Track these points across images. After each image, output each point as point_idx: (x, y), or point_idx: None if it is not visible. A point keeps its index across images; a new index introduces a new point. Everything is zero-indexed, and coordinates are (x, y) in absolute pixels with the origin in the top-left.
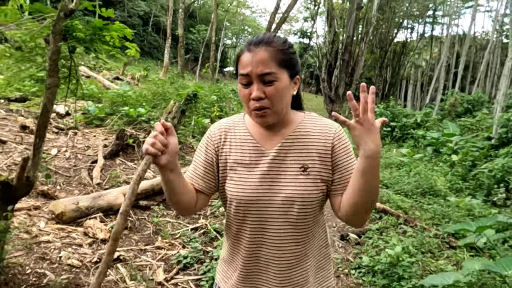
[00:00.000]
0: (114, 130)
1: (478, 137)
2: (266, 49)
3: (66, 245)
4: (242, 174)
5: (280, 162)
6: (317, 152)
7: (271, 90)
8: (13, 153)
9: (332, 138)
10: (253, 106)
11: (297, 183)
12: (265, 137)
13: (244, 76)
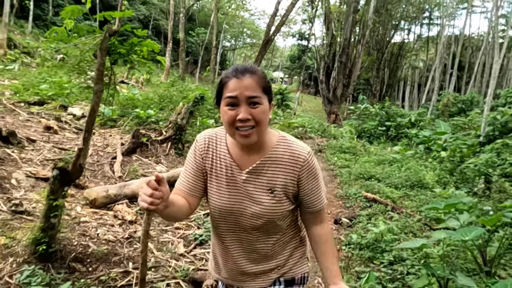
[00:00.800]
0: (127, 130)
1: (470, 135)
2: (251, 77)
3: (100, 225)
4: (219, 187)
5: (251, 182)
6: (285, 177)
7: (257, 112)
8: (43, 150)
9: (301, 167)
10: (238, 125)
11: (264, 203)
12: (241, 157)
13: (232, 98)
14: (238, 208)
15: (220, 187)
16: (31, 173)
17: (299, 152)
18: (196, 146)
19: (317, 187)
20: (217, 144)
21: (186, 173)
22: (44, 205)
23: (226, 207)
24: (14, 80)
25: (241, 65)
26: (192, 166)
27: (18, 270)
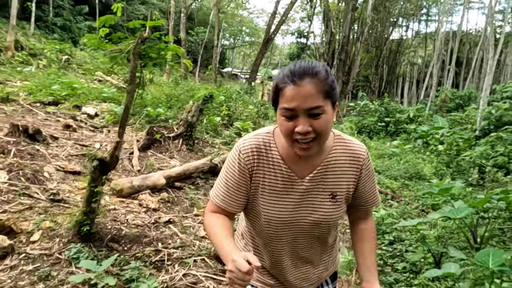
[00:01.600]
0: (139, 128)
1: (467, 129)
2: (311, 82)
3: (128, 212)
4: (273, 198)
5: (311, 190)
6: (347, 180)
7: (319, 124)
8: (66, 146)
9: (361, 168)
10: (297, 137)
11: (325, 209)
12: (297, 163)
13: (289, 110)
14: (297, 218)
15: (275, 198)
16: (60, 167)
17: (358, 152)
18: (241, 158)
19: (374, 185)
20: (266, 153)
21: (229, 190)
22: (77, 194)
23: (283, 219)
24: (26, 82)
25: (300, 65)
26: (237, 182)
27: (65, 248)
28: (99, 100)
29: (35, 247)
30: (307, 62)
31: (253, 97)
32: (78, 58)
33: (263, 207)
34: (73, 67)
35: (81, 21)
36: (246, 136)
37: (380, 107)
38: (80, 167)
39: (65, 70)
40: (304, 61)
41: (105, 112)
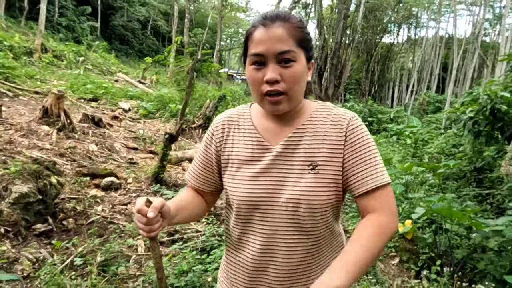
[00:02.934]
0: (164, 121)
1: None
2: (284, 25)
3: (177, 173)
4: (244, 173)
5: (285, 159)
6: (328, 147)
7: (289, 72)
8: (120, 131)
9: (345, 128)
10: (266, 90)
11: (304, 183)
12: (271, 131)
13: (258, 55)
14: (269, 195)
15: (246, 174)
16: (123, 144)
17: (342, 116)
18: (211, 130)
19: (369, 157)
20: (239, 122)
21: (198, 164)
22: (141, 160)
23: (254, 197)
24: (60, 81)
25: (274, 11)
26: (204, 155)
27: (149, 186)
28: (126, 98)
29: (131, 186)
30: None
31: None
32: (92, 59)
33: (230, 185)
34: (89, 68)
35: (84, 21)
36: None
37: (365, 108)
38: (136, 145)
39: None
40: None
41: (134, 108)
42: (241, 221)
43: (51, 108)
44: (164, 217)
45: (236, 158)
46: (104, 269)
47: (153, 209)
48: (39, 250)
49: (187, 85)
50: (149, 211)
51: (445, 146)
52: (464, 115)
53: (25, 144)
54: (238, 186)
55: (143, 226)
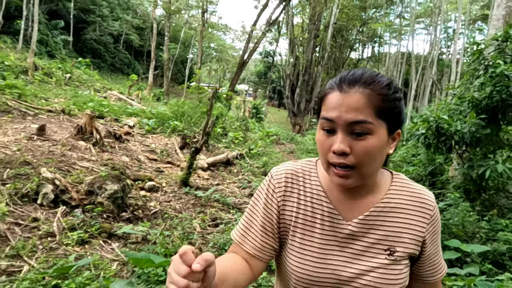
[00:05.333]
0: (167, 136)
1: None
2: (363, 92)
3: (195, 179)
4: (311, 247)
5: (359, 239)
6: (410, 232)
7: (361, 146)
8: (136, 146)
9: (431, 217)
10: (332, 161)
11: (379, 271)
12: (343, 202)
13: (328, 121)
14: (336, 278)
15: (308, 247)
16: (145, 156)
17: (426, 198)
18: (271, 184)
19: (439, 248)
20: (304, 182)
21: (252, 225)
22: (164, 169)
23: (316, 276)
24: (60, 99)
25: (354, 71)
26: (262, 214)
27: (180, 189)
28: (126, 114)
29: (166, 188)
30: (366, 69)
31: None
32: (76, 76)
33: (289, 255)
34: (76, 84)
35: (57, 35)
36: (283, 163)
37: None
38: (155, 156)
39: (69, 87)
40: (364, 68)
41: (137, 124)
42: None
43: (85, 126)
44: (205, 282)
45: (301, 223)
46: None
47: (202, 261)
48: (134, 229)
49: (208, 108)
50: (195, 261)
51: (406, 155)
52: (418, 131)
53: (74, 157)
54: (301, 261)
55: (179, 279)
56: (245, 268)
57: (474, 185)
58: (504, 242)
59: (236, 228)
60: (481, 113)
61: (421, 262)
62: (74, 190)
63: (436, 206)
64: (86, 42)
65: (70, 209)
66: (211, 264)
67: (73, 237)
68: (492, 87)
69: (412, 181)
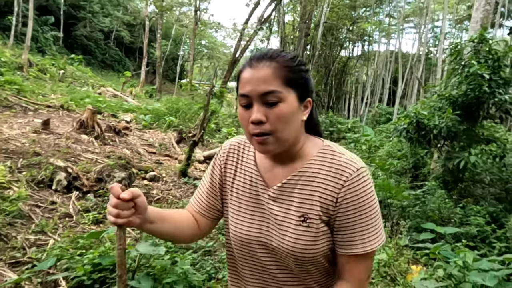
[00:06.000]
0: (163, 131)
1: (385, 136)
2: (270, 65)
3: (192, 171)
4: (240, 208)
5: (280, 205)
6: (320, 201)
7: (273, 113)
8: (135, 140)
9: (342, 186)
10: (253, 131)
11: (293, 235)
12: (269, 170)
13: (244, 96)
14: (261, 237)
15: (241, 208)
16: (144, 149)
17: (344, 166)
18: (218, 154)
19: (362, 221)
20: (243, 153)
21: (201, 188)
22: (163, 161)
23: (246, 234)
24: (57, 95)
25: (262, 50)
26: (208, 179)
27: (179, 179)
28: (122, 110)
29: (166, 179)
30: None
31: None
32: (70, 72)
33: (228, 216)
34: (70, 80)
35: (47, 31)
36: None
37: (326, 119)
38: (154, 150)
39: (63, 83)
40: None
41: (134, 120)
42: (238, 253)
43: (87, 121)
44: (138, 211)
45: (236, 190)
46: None
47: (128, 192)
48: None
49: (206, 103)
50: (123, 192)
51: (392, 150)
52: (400, 126)
53: (78, 149)
54: (234, 221)
55: (112, 209)
56: (191, 221)
57: (451, 176)
58: (475, 225)
59: (194, 194)
60: (457, 110)
61: (337, 229)
62: (85, 178)
63: (357, 176)
64: (77, 38)
65: (82, 194)
66: (138, 196)
67: (88, 217)
68: (467, 85)
69: (346, 151)
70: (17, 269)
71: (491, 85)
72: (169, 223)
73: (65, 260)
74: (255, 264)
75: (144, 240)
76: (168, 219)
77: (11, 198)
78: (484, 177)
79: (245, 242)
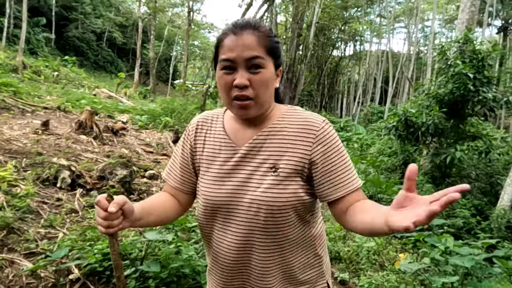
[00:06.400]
0: (159, 131)
1: (377, 135)
2: (253, 33)
3: None
4: (211, 173)
5: (249, 161)
6: (293, 150)
7: (257, 78)
8: (133, 140)
9: (315, 137)
10: (235, 94)
11: (265, 185)
12: (239, 133)
13: (228, 61)
14: (232, 196)
15: (212, 174)
16: (142, 149)
17: (312, 120)
18: (187, 130)
19: (342, 162)
20: (211, 124)
21: (173, 164)
22: (161, 160)
23: (218, 198)
24: (53, 97)
25: (243, 19)
26: (179, 154)
27: None
28: (118, 111)
29: None
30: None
31: None
32: (64, 74)
33: (200, 186)
34: (64, 82)
35: (39, 32)
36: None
37: None
38: (151, 149)
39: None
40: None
41: (130, 120)
42: (208, 219)
43: (85, 122)
44: (126, 216)
45: (205, 159)
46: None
47: (114, 205)
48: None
49: (203, 102)
50: (110, 206)
51: (382, 148)
52: (390, 124)
53: (78, 149)
54: (205, 186)
55: (101, 221)
56: (172, 202)
57: (439, 172)
58: (461, 218)
59: (165, 169)
60: (444, 107)
61: (318, 181)
62: (88, 176)
63: (326, 126)
64: (69, 40)
65: (86, 191)
66: (124, 203)
67: (93, 212)
68: (453, 84)
69: (310, 112)
70: (32, 259)
71: (476, 83)
72: (154, 215)
73: (76, 250)
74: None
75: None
76: (152, 211)
77: (19, 195)
78: (470, 172)
79: (217, 205)
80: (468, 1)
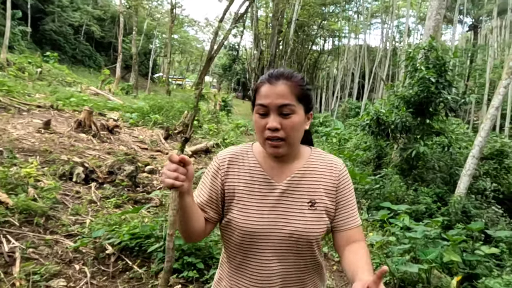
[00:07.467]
0: (150, 128)
1: (354, 130)
2: (286, 83)
3: None
4: (251, 205)
5: (288, 196)
6: (324, 187)
7: (287, 122)
8: (127, 136)
9: (338, 175)
10: (267, 135)
11: (304, 218)
12: (274, 169)
13: (263, 106)
14: (272, 227)
15: (249, 205)
16: (137, 146)
17: (335, 162)
18: (215, 163)
19: (353, 201)
20: (243, 159)
21: (201, 196)
22: (156, 156)
23: (260, 228)
24: (42, 94)
25: (278, 70)
26: (209, 186)
27: None
28: (107, 109)
29: (161, 171)
30: (285, 69)
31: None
32: (47, 70)
33: (233, 216)
34: (48, 79)
35: (14, 26)
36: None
37: None
38: (146, 146)
39: (41, 81)
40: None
41: (120, 118)
42: (245, 246)
43: (84, 121)
44: (188, 177)
45: (241, 190)
46: None
47: (184, 158)
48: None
49: (196, 102)
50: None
51: (358, 142)
52: (364, 122)
53: (81, 146)
54: (245, 216)
55: (170, 173)
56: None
57: (407, 164)
58: (424, 204)
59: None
60: (411, 107)
61: (339, 211)
62: (99, 171)
63: (344, 168)
64: (45, 33)
65: (99, 184)
66: (189, 163)
67: (110, 202)
68: (418, 87)
69: (327, 152)
70: (71, 239)
71: (438, 86)
72: (195, 214)
73: (107, 232)
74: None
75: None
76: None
77: (44, 188)
78: (434, 164)
79: (255, 234)
80: (434, 10)
